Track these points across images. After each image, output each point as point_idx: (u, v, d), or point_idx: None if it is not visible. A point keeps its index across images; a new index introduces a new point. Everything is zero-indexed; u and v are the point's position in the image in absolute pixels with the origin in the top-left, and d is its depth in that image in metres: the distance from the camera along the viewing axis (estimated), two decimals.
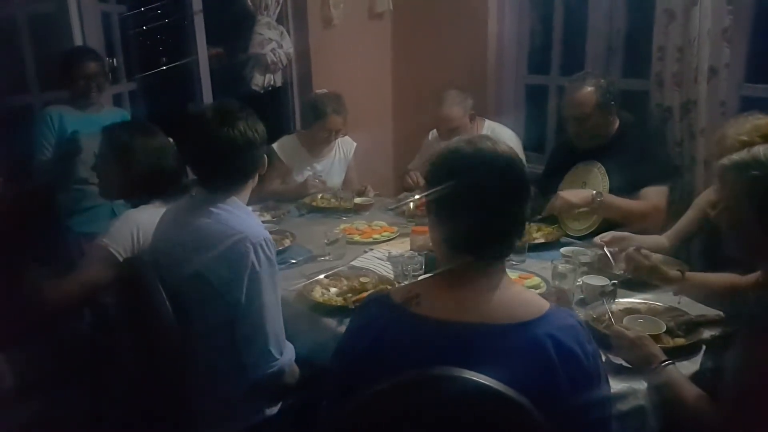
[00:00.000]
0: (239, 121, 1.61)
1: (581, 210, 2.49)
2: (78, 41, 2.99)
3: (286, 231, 2.47)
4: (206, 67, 3.56)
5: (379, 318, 1.20)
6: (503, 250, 1.19)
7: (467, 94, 2.97)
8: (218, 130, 1.59)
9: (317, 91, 3.35)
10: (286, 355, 1.65)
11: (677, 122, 2.62)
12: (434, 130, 3.08)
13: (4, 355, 1.95)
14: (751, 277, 1.72)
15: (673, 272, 1.83)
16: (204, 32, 3.52)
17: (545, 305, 1.16)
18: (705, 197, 2.23)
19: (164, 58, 4.28)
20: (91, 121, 2.74)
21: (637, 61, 2.92)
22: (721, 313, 1.70)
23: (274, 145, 3.15)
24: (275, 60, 3.51)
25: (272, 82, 3.59)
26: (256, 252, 1.56)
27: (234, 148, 1.60)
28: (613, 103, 2.54)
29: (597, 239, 2.15)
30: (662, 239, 2.24)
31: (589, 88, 2.50)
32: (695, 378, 1.47)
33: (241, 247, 1.55)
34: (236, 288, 1.55)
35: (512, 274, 2.06)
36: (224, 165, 1.63)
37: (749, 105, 2.48)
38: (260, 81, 3.54)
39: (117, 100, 3.32)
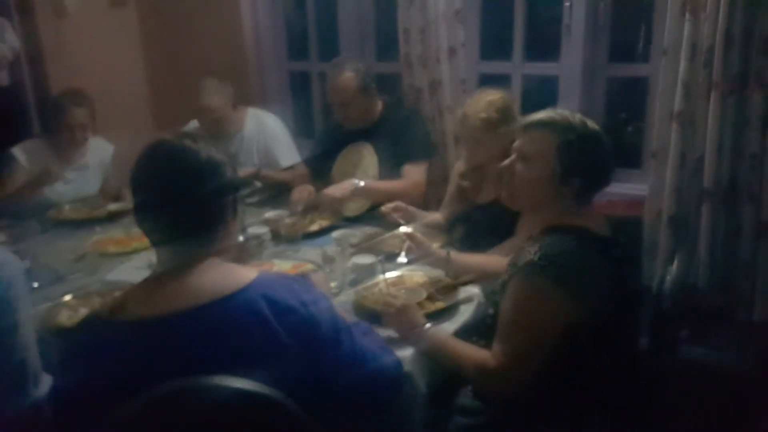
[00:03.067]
0: None
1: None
2: None
3: (25, 251, 2.13)
4: None
5: (88, 341, 1.14)
6: (194, 237, 1.18)
7: (226, 82, 2.86)
8: None
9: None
10: (42, 387, 1.42)
11: (427, 101, 2.79)
12: (194, 120, 2.93)
13: None
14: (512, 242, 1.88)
15: (441, 252, 1.93)
16: None
17: (254, 273, 1.19)
18: (457, 170, 2.41)
19: None
20: None
21: (388, 44, 3.05)
22: (471, 276, 1.83)
23: (15, 150, 2.76)
24: None
25: None
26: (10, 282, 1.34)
27: None
28: (373, 85, 2.65)
29: (384, 207, 2.27)
30: (437, 216, 2.39)
31: (349, 74, 2.59)
32: (461, 334, 1.59)
33: None
34: None
35: (286, 264, 2.05)
36: None
37: (487, 81, 2.73)
38: None
39: None
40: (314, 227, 2.40)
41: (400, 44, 2.80)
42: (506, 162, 1.56)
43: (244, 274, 1.18)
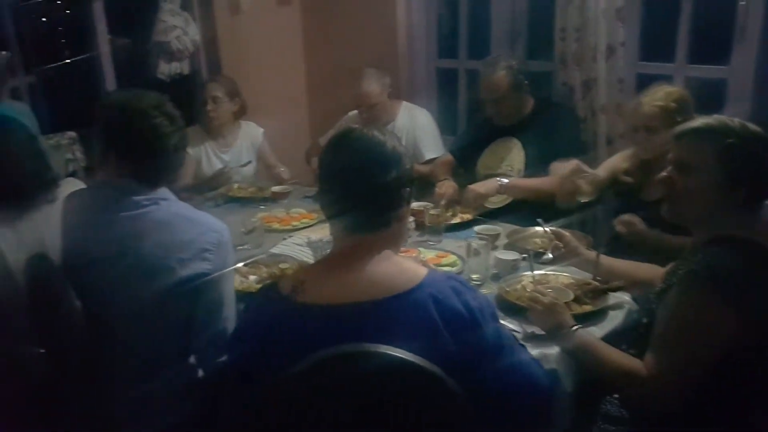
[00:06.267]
0: (167, 105, 1.56)
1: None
2: None
3: None
4: (108, 57, 3.39)
5: (267, 311, 1.23)
6: (373, 223, 1.23)
7: (384, 72, 3.01)
8: (154, 116, 1.51)
9: None
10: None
11: (580, 100, 2.75)
12: (352, 111, 3.09)
13: None
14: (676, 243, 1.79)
15: (590, 254, 1.87)
16: (105, 21, 3.34)
17: (423, 271, 1.22)
18: (614, 162, 2.36)
19: (65, 49, 4.02)
20: None
21: (540, 42, 3.03)
22: (622, 282, 1.75)
23: None
24: (181, 48, 3.39)
25: (179, 71, 3.46)
26: (221, 241, 1.54)
27: (172, 134, 1.54)
28: (525, 82, 2.68)
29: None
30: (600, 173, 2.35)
31: (502, 72, 2.65)
32: (609, 340, 1.53)
33: (210, 237, 1.52)
34: (203, 277, 1.50)
35: (429, 254, 2.12)
36: (166, 154, 1.55)
37: (645, 82, 2.61)
38: (166, 69, 3.40)
39: (15, 95, 3.10)
40: (456, 220, 2.46)
41: (556, 43, 2.78)
42: (663, 174, 1.48)
43: (416, 271, 1.21)
